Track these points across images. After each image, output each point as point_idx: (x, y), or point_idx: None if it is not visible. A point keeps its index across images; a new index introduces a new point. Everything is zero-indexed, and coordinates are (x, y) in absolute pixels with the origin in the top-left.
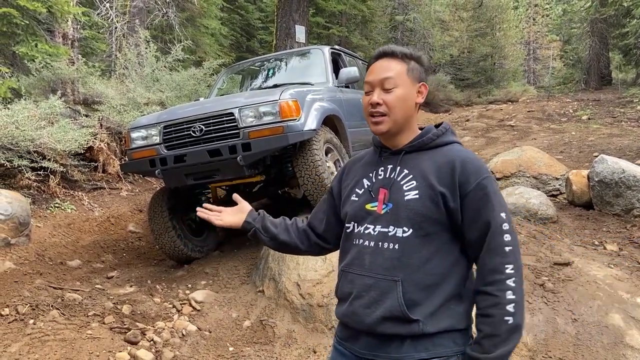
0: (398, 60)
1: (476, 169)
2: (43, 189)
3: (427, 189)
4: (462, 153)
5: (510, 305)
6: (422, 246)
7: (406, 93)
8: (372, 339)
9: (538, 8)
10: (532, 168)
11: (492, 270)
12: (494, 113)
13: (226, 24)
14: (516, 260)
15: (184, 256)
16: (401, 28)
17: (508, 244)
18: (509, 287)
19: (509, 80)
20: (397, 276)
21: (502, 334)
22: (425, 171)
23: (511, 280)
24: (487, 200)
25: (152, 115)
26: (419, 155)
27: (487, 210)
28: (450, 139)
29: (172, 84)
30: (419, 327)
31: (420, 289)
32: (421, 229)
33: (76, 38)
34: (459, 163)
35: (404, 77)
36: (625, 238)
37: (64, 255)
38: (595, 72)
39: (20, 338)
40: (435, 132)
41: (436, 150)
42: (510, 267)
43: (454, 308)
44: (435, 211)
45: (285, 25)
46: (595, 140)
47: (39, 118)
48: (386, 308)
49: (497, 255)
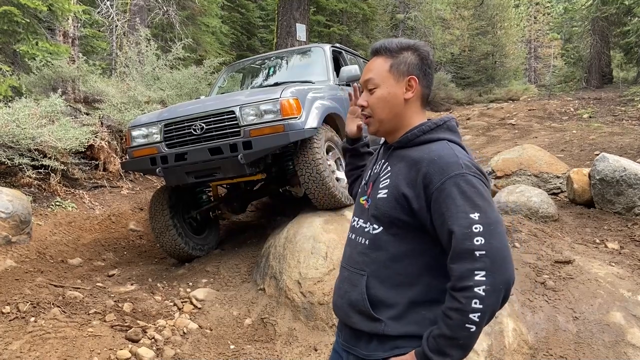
0: (382, 57)
1: (442, 168)
2: (44, 187)
3: (394, 188)
4: (436, 151)
5: (474, 315)
6: (391, 245)
7: (388, 92)
8: (349, 331)
9: (539, 6)
10: (533, 166)
11: (460, 277)
12: (494, 112)
13: (227, 22)
14: (491, 264)
15: (185, 254)
16: (402, 26)
17: (479, 248)
18: (476, 296)
19: (510, 79)
20: (364, 270)
21: (460, 338)
22: (399, 170)
23: (480, 288)
24: (449, 202)
25: (153, 113)
26: (403, 152)
27: (449, 213)
28: (439, 136)
29: (173, 82)
30: (381, 327)
31: (386, 287)
32: (390, 228)
33: (77, 36)
34: (425, 162)
35: (384, 75)
36: (626, 236)
37: (64, 253)
38: (597, 71)
39: (22, 336)
40: (421, 129)
41: (420, 148)
42: (480, 274)
43: (423, 314)
44: (400, 212)
45: (286, 24)
46: (596, 138)
47: (40, 116)
48: (352, 300)
49: (464, 261)
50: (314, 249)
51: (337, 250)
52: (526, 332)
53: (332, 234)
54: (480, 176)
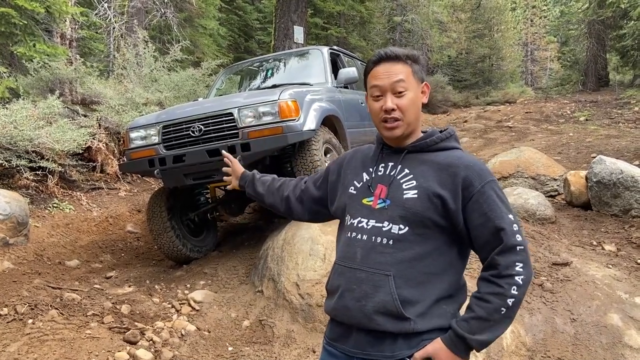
0: (402, 63)
1: (479, 173)
2: (41, 189)
3: (426, 189)
4: (465, 157)
5: (511, 300)
6: (416, 244)
7: (415, 96)
8: (364, 336)
9: (536, 9)
10: (531, 169)
11: (505, 267)
12: (491, 114)
13: (224, 24)
14: (526, 258)
15: (183, 256)
16: (399, 29)
17: (520, 243)
18: (516, 283)
19: (507, 81)
20: (389, 271)
21: (494, 321)
22: (426, 172)
23: (520, 277)
24: (494, 204)
25: (151, 115)
26: (420, 156)
27: (495, 214)
28: (453, 145)
29: (171, 84)
30: (410, 326)
31: (412, 285)
32: (417, 228)
33: (74, 38)
34: (462, 167)
35: (411, 79)
36: (623, 238)
37: (62, 255)
38: (593, 74)
39: (19, 338)
40: (439, 136)
41: (438, 154)
42: (520, 265)
43: (445, 308)
44: (433, 212)
45: (283, 26)
46: (592, 141)
47: (38, 118)
48: (378, 302)
49: (511, 254)
50: (312, 251)
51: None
52: (524, 333)
53: (330, 235)
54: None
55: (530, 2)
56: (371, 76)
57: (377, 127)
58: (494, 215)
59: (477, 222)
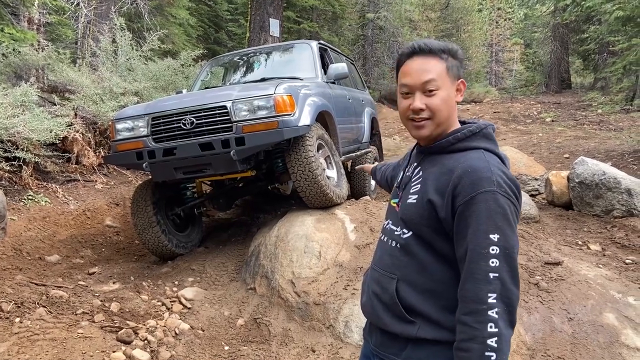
0: (436, 58)
1: (473, 181)
2: (15, 180)
3: (423, 195)
4: (470, 162)
5: (491, 340)
6: (421, 250)
7: (447, 94)
8: (381, 335)
9: (501, 11)
10: (512, 168)
11: (471, 299)
12: (460, 113)
13: (194, 14)
14: (502, 288)
15: (168, 252)
16: (371, 26)
17: (494, 270)
18: (490, 319)
19: (472, 81)
20: (395, 274)
21: None
22: (430, 177)
23: (493, 311)
24: (474, 218)
25: (139, 105)
26: (437, 158)
27: (471, 229)
28: (474, 144)
29: (149, 74)
30: (414, 330)
31: (417, 291)
32: (418, 233)
33: (42, 23)
34: (458, 173)
35: (444, 77)
36: (607, 238)
37: (41, 250)
38: (556, 76)
39: (8, 337)
40: (455, 136)
41: (454, 156)
42: (492, 297)
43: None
44: (426, 219)
45: (259, 19)
46: (562, 142)
47: (11, 105)
48: (384, 302)
49: (478, 282)
50: (307, 248)
51: (330, 249)
52: (524, 332)
53: (324, 233)
54: (511, 196)
55: (496, 4)
56: (402, 72)
57: (405, 125)
58: (470, 230)
59: (457, 234)
